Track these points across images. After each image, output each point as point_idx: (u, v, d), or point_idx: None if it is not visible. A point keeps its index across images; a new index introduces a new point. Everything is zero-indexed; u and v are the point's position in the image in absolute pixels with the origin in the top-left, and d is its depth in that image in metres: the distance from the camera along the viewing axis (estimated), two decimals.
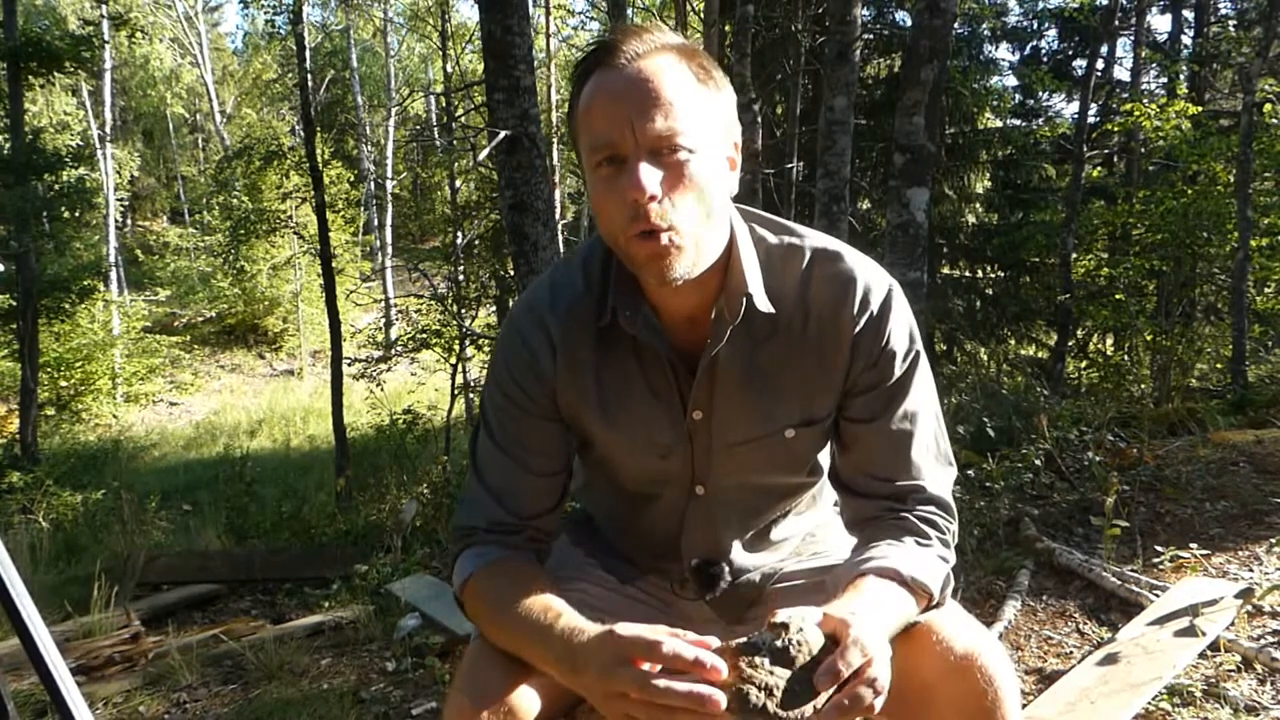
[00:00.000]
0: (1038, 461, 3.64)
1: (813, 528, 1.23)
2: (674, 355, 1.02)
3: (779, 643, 0.81)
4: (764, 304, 1.01)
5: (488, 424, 1.09)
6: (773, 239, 1.05)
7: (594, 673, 0.84)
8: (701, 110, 0.92)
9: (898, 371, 1.02)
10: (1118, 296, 8.51)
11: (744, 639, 0.82)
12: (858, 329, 1.00)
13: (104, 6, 12.91)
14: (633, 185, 0.88)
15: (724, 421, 1.05)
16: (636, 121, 0.89)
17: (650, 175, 0.88)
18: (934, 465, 1.04)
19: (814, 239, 1.05)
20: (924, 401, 1.04)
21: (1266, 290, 8.75)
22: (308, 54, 10.24)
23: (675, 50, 0.93)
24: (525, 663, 1.00)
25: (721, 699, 0.77)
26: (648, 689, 0.79)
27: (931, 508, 1.03)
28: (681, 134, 0.90)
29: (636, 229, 0.90)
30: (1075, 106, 11.97)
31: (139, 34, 17.68)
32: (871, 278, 1.02)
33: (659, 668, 0.81)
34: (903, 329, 1.02)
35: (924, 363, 1.04)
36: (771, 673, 0.79)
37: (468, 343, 9.53)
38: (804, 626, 0.83)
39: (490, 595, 1.01)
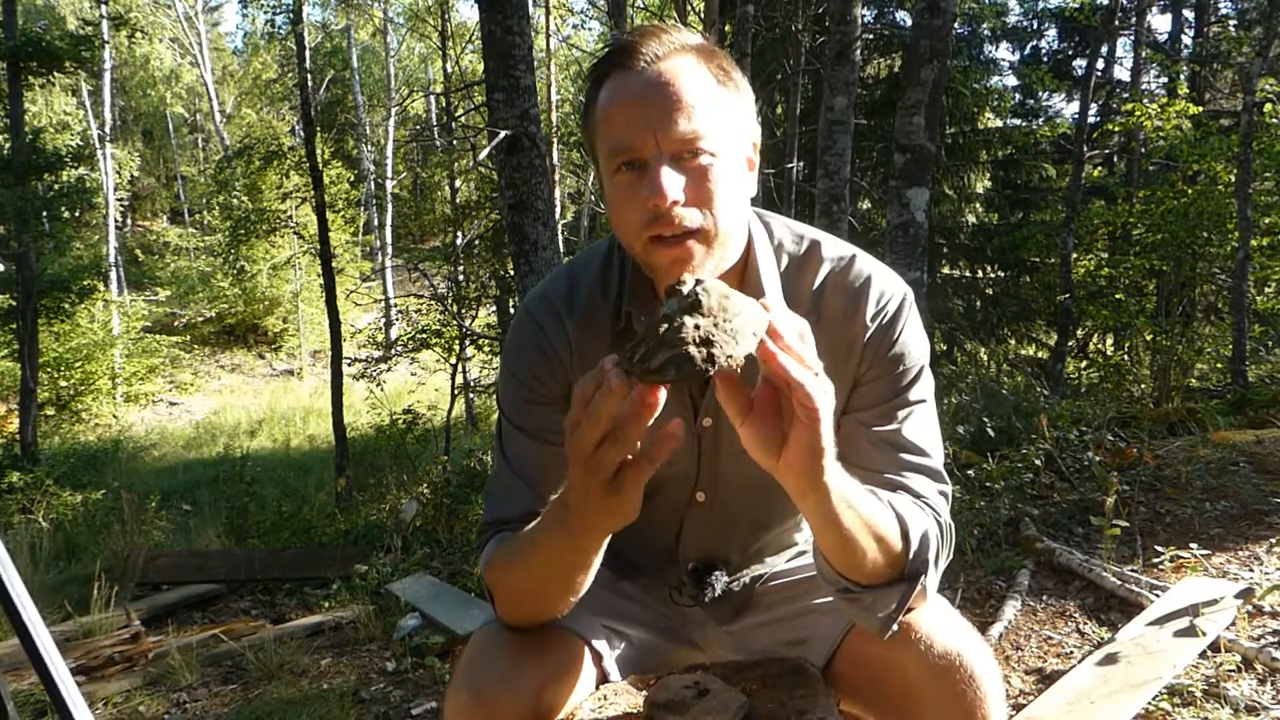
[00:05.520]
0: (1038, 461, 3.64)
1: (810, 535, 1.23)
2: None
3: (682, 296, 0.70)
4: None
5: (508, 416, 1.07)
6: (790, 244, 1.05)
7: (574, 475, 0.77)
8: (722, 113, 0.91)
9: (902, 380, 1.01)
10: (1118, 296, 8.50)
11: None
12: (868, 335, 1.00)
13: (104, 6, 12.90)
14: (655, 190, 0.86)
15: (732, 428, 1.04)
16: (659, 125, 0.87)
17: (673, 180, 0.87)
18: (921, 478, 1.00)
19: (831, 245, 1.05)
20: (923, 414, 1.02)
21: (1266, 290, 8.74)
22: (308, 54, 10.25)
23: (695, 51, 0.92)
24: (523, 658, 0.99)
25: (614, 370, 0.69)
26: (586, 416, 0.72)
27: (924, 500, 1.00)
28: (704, 137, 0.88)
29: (656, 233, 0.89)
30: (1075, 106, 12.01)
31: (139, 34, 17.69)
32: (886, 285, 1.01)
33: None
34: (912, 339, 1.01)
35: (928, 376, 1.03)
36: (694, 325, 0.68)
37: (468, 343, 9.53)
38: (705, 282, 0.71)
39: (503, 551, 0.99)
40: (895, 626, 0.93)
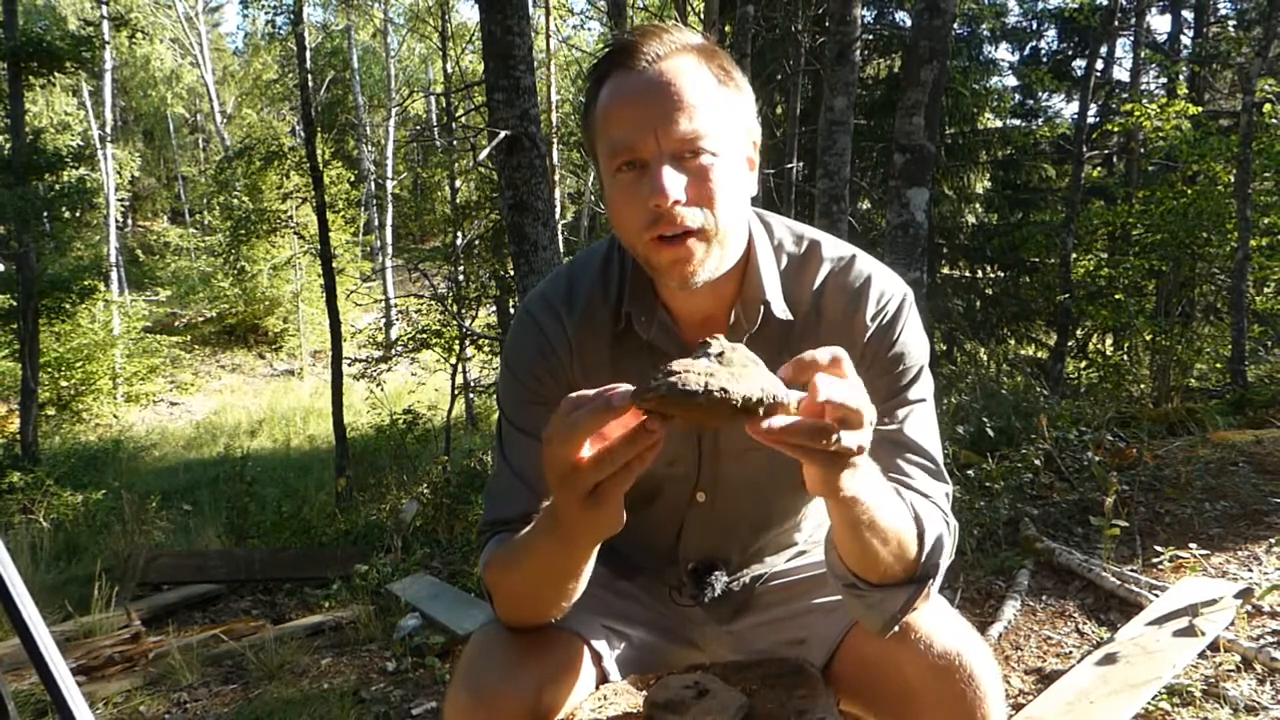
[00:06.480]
0: (1038, 461, 3.64)
1: (812, 530, 1.23)
2: None
3: (700, 349, 0.71)
4: (782, 311, 1.00)
5: (508, 416, 1.07)
6: (790, 244, 1.05)
7: (554, 489, 0.77)
8: (723, 112, 0.91)
9: (902, 380, 1.01)
10: (1117, 296, 8.49)
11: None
12: (869, 335, 1.00)
13: (104, 7, 12.91)
14: (656, 190, 0.87)
15: (732, 430, 1.04)
16: (659, 125, 0.87)
17: (674, 179, 0.87)
18: (926, 477, 1.01)
19: (831, 245, 1.05)
20: (923, 413, 1.02)
21: (1266, 290, 8.73)
22: (308, 54, 10.24)
23: (696, 51, 0.92)
24: (523, 658, 0.99)
25: (627, 387, 0.70)
26: (572, 430, 0.71)
27: (929, 500, 1.00)
28: (704, 137, 0.88)
29: (657, 233, 0.89)
30: (1075, 106, 12.00)
31: (139, 34, 17.66)
32: (886, 286, 1.02)
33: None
34: (912, 339, 1.01)
35: (928, 376, 1.03)
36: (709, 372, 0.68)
37: (468, 343, 9.53)
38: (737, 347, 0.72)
39: (501, 553, 0.99)
40: (896, 626, 0.93)
